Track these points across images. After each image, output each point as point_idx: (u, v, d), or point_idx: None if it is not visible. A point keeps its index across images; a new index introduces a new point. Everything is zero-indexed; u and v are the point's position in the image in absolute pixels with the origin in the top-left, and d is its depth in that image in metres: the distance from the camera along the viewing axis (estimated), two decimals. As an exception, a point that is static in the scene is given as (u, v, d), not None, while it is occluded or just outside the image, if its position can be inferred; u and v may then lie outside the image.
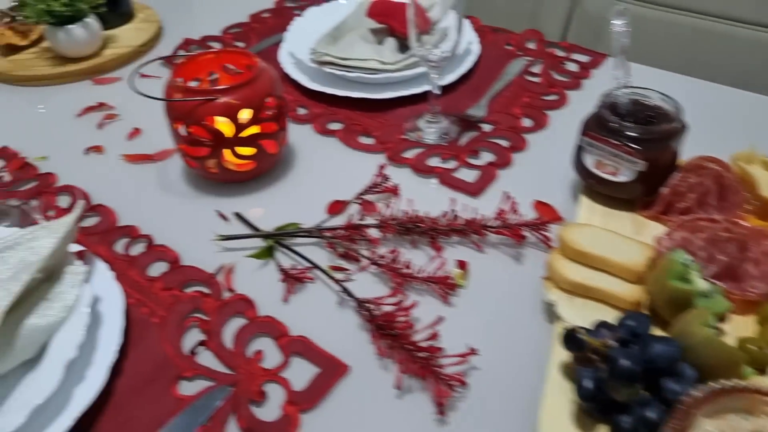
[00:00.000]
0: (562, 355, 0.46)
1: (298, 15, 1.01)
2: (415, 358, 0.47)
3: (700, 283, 0.46)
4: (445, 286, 0.53)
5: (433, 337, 0.48)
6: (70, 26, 0.86)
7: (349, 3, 0.93)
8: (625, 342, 0.41)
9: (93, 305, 0.50)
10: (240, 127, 0.61)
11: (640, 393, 0.40)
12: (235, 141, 0.62)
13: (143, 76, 0.88)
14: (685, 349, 0.41)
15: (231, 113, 0.60)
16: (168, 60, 0.90)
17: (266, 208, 0.65)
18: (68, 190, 0.68)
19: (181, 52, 0.92)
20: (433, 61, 0.67)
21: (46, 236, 0.54)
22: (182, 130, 0.62)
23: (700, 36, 1.02)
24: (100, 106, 0.82)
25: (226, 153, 0.63)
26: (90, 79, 0.88)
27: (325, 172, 0.69)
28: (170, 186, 0.68)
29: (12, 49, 0.92)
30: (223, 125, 0.61)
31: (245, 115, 0.61)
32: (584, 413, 0.42)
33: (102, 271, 0.54)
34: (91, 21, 0.88)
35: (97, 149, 0.74)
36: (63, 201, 0.67)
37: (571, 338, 0.43)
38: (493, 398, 0.47)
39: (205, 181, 0.68)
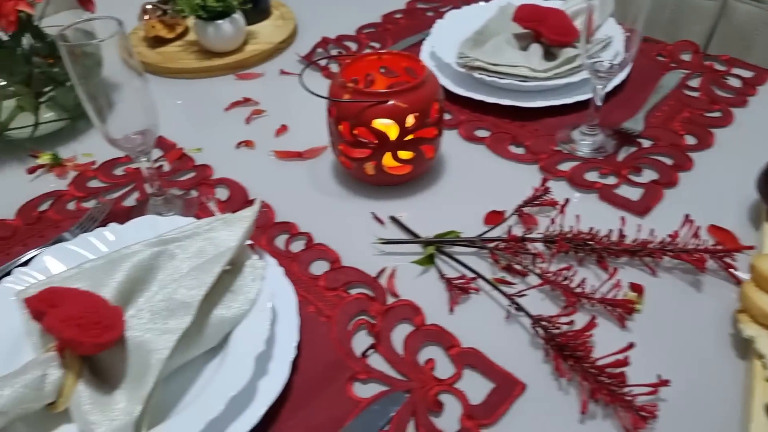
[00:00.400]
0: (766, 395, 0.43)
1: (431, 16, 1.00)
2: (601, 384, 0.45)
3: None
4: (623, 310, 0.51)
5: (623, 363, 0.45)
6: (219, 21, 0.88)
7: (489, 4, 0.92)
8: None
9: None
10: (405, 131, 0.61)
11: None
12: (398, 144, 0.62)
13: (283, 72, 0.90)
14: None
15: (399, 117, 0.60)
16: (306, 57, 0.92)
17: (418, 213, 0.64)
18: (225, 182, 0.70)
19: (320, 51, 0.93)
20: (602, 71, 0.65)
21: (224, 228, 0.55)
22: (346, 130, 0.62)
23: None
24: (246, 101, 0.84)
25: (387, 156, 0.62)
26: (233, 74, 0.90)
27: (475, 180, 0.68)
28: (321, 185, 0.69)
29: (158, 42, 0.96)
30: (389, 128, 0.61)
31: (412, 119, 0.60)
32: (802, 463, 0.39)
33: (272, 265, 0.55)
34: (238, 17, 0.90)
35: (248, 144, 0.76)
36: (221, 193, 0.69)
37: (792, 381, 0.40)
38: (682, 424, 0.44)
39: (356, 181, 0.68)
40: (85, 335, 0.42)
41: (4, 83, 0.77)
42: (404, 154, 0.63)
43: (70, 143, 0.79)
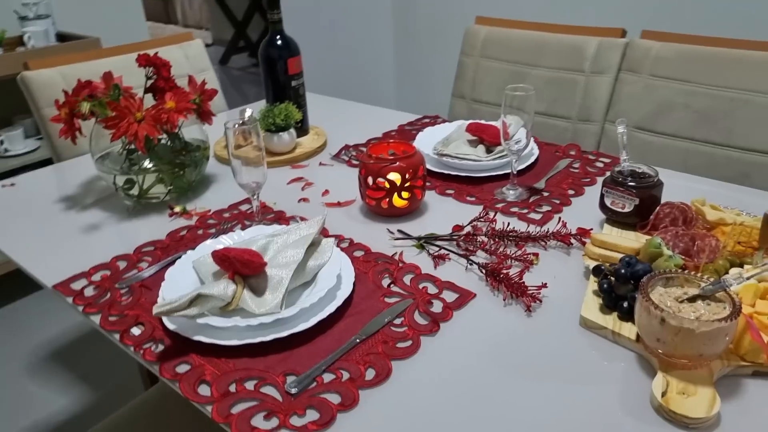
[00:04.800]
0: (593, 287, 0.86)
1: (415, 132, 1.53)
2: (514, 289, 0.88)
3: (666, 250, 0.86)
4: (527, 262, 0.95)
5: (521, 276, 0.89)
6: (281, 133, 1.39)
7: (452, 124, 1.45)
8: (624, 267, 0.82)
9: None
10: (405, 180, 1.08)
11: (632, 291, 0.80)
12: (401, 189, 1.08)
13: (321, 164, 1.39)
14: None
15: (402, 172, 1.07)
16: (336, 156, 1.42)
17: (414, 227, 1.09)
18: (296, 218, 1.15)
19: (344, 152, 1.44)
20: (514, 151, 1.14)
21: (305, 228, 1.00)
22: (371, 180, 1.09)
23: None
24: (299, 179, 1.32)
25: (395, 196, 1.09)
26: (288, 165, 1.39)
27: (447, 213, 1.14)
28: (353, 218, 1.15)
29: (236, 147, 1.45)
30: (396, 179, 1.08)
31: (408, 174, 1.08)
32: (604, 306, 0.82)
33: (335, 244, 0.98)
34: (292, 131, 1.41)
35: (305, 200, 1.22)
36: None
37: (597, 268, 0.84)
38: (554, 306, 0.86)
39: (375, 215, 1.14)
40: (254, 259, 0.84)
41: (151, 165, 1.25)
42: (405, 194, 1.09)
43: (188, 202, 1.24)
